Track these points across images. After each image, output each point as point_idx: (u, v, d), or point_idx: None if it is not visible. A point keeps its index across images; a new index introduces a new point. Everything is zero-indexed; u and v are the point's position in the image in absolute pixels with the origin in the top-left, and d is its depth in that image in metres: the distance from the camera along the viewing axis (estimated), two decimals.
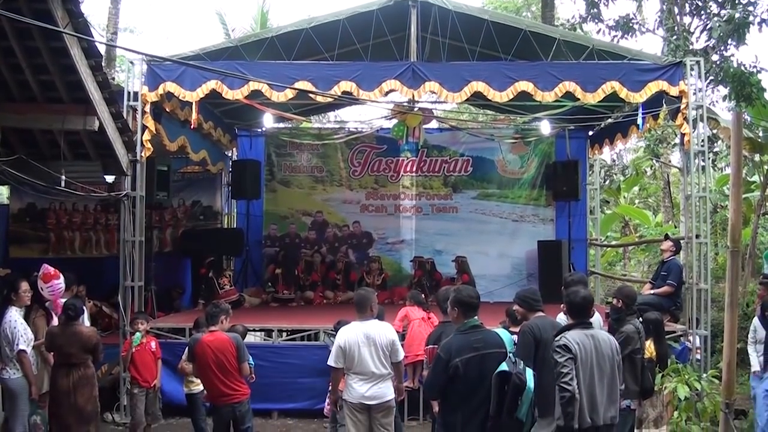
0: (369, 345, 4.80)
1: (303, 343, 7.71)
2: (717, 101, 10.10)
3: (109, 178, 7.63)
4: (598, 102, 7.77)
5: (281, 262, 10.92)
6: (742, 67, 8.98)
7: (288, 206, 12.02)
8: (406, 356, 5.55)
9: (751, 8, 9.34)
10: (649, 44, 30.22)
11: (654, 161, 16.00)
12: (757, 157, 10.33)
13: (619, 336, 4.93)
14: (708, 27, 9.87)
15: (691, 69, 7.67)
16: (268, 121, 10.80)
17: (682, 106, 7.64)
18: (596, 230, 12.60)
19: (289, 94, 7.56)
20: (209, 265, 9.83)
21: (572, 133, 11.42)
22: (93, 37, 6.46)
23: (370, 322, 4.92)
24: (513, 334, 4.80)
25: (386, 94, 8.05)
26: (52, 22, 5.26)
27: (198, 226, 11.41)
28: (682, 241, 8.32)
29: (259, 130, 11.80)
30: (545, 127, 10.97)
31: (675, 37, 10.12)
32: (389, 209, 11.95)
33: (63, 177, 6.64)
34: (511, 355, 4.10)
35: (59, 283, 5.87)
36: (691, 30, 10.49)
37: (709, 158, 9.33)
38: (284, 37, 7.95)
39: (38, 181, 6.66)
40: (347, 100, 8.13)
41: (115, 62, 15.61)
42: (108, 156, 7.07)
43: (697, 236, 7.79)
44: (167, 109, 8.22)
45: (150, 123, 7.67)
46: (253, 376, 5.46)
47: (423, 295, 7.48)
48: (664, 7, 11.04)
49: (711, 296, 7.83)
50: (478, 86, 7.55)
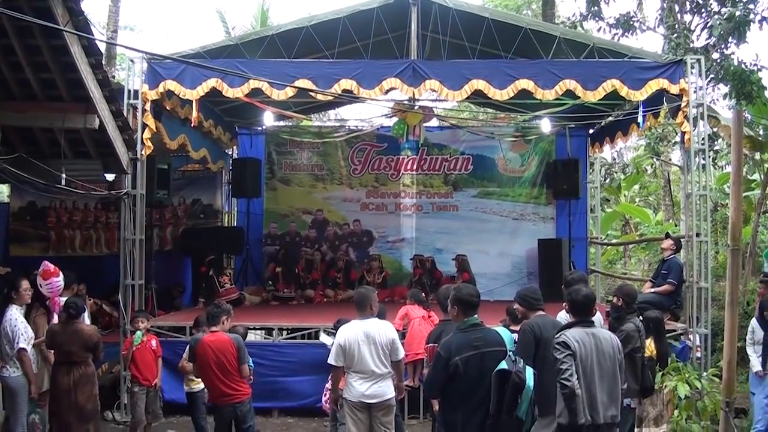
0: (369, 343, 4.80)
1: (303, 342, 7.71)
2: (717, 99, 10.10)
3: (110, 177, 7.64)
4: (599, 100, 7.77)
5: (281, 261, 10.93)
6: (743, 65, 8.97)
7: (288, 204, 12.02)
8: (406, 355, 5.55)
9: (751, 6, 9.32)
10: (650, 42, 30.24)
11: (654, 159, 15.98)
12: (757, 156, 10.33)
13: (620, 334, 4.92)
14: (708, 25, 9.84)
15: (692, 67, 7.67)
16: (268, 119, 10.78)
17: (683, 105, 7.64)
18: (597, 229, 12.59)
19: (290, 92, 7.56)
20: (209, 263, 9.83)
21: (573, 131, 11.41)
22: (93, 36, 6.44)
23: (370, 321, 4.91)
24: (513, 332, 4.81)
25: (386, 92, 8.04)
26: (52, 20, 5.25)
27: (198, 224, 11.41)
28: (682, 240, 8.31)
29: (260, 128, 11.79)
30: (546, 126, 10.96)
31: (675, 35, 10.10)
32: (390, 207, 11.95)
33: (63, 175, 6.63)
34: (511, 353, 4.10)
35: (58, 280, 5.87)
36: (692, 28, 10.47)
37: (709, 156, 9.31)
38: (284, 35, 7.94)
39: (38, 180, 6.65)
40: (347, 98, 8.16)
41: (115, 60, 15.60)
42: (108, 154, 7.06)
43: (698, 234, 7.79)
44: (167, 108, 8.22)
45: (150, 121, 7.67)
46: (252, 377, 5.47)
47: (423, 294, 7.49)
48: (665, 5, 11.03)
49: (711, 295, 7.83)
50: (479, 84, 7.55)
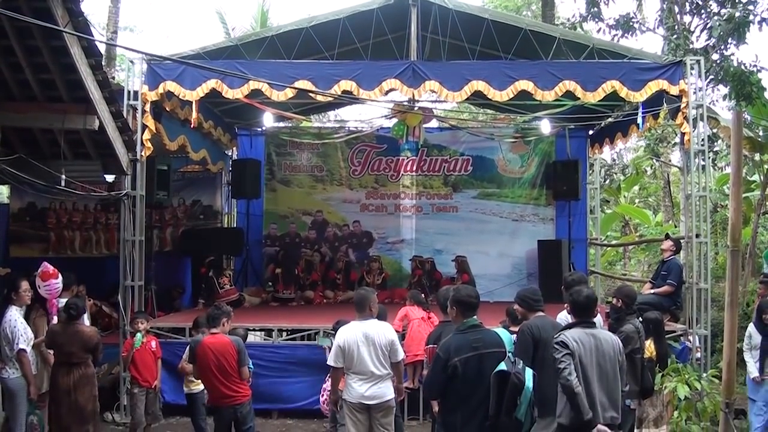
0: (368, 345, 4.79)
1: (303, 343, 7.70)
2: (717, 100, 10.10)
3: (109, 178, 7.64)
4: (599, 101, 7.77)
5: (281, 262, 10.93)
6: (743, 66, 8.97)
7: (288, 205, 12.02)
8: (405, 356, 5.54)
9: (751, 7, 9.33)
10: (650, 43, 30.29)
11: (654, 160, 16.00)
12: (757, 157, 10.32)
13: (619, 335, 4.90)
14: (708, 26, 9.85)
15: (692, 68, 7.67)
16: (268, 120, 10.80)
17: (682, 106, 7.64)
18: (596, 230, 12.59)
19: (289, 93, 7.56)
20: (209, 264, 9.83)
21: (572, 132, 11.41)
22: (93, 36, 6.44)
23: (369, 322, 4.91)
24: (513, 333, 4.80)
25: (386, 93, 8.05)
26: (52, 21, 5.25)
27: (198, 225, 11.40)
28: (682, 241, 8.32)
29: (259, 129, 11.79)
30: (545, 127, 10.97)
31: (675, 36, 10.11)
32: (389, 209, 11.94)
33: (63, 176, 6.62)
34: (510, 354, 4.09)
35: (57, 282, 5.86)
36: (692, 29, 10.48)
37: (709, 157, 9.30)
38: (284, 36, 7.95)
39: (38, 181, 6.64)
40: (347, 99, 8.16)
41: (115, 61, 15.59)
42: (108, 155, 7.07)
43: (698, 235, 7.78)
44: (167, 109, 8.22)
45: (150, 122, 7.68)
46: (250, 380, 5.46)
47: (423, 295, 7.49)
48: (665, 6, 11.03)
49: (711, 296, 7.82)
50: (478, 85, 7.55)
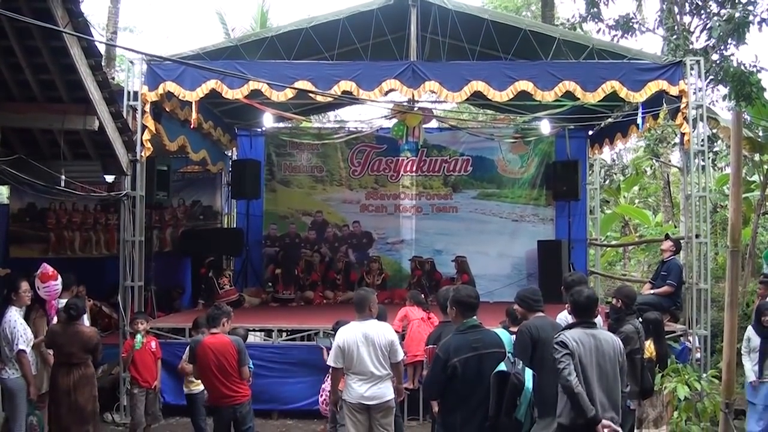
0: (368, 345, 4.79)
1: (303, 344, 7.70)
2: (717, 101, 10.08)
3: (109, 178, 7.62)
4: (598, 101, 7.78)
5: (281, 262, 10.92)
6: (742, 67, 8.96)
7: (288, 206, 12.02)
8: (405, 356, 5.54)
9: (751, 8, 9.32)
10: (649, 44, 30.32)
11: (654, 161, 16.00)
12: (756, 157, 10.33)
13: (619, 336, 4.89)
14: (708, 26, 9.85)
15: (691, 68, 7.68)
16: (267, 120, 10.80)
17: (682, 106, 7.64)
18: (596, 230, 12.59)
19: (289, 93, 7.56)
20: (209, 265, 9.82)
21: (572, 132, 11.42)
22: (93, 37, 6.45)
23: (369, 322, 4.90)
24: (513, 333, 4.79)
25: (386, 93, 8.05)
26: (52, 21, 5.25)
27: (198, 226, 11.40)
28: (682, 241, 8.31)
29: (259, 129, 11.79)
30: (545, 127, 10.97)
31: (675, 37, 10.10)
32: (389, 209, 11.94)
33: (63, 177, 6.63)
34: (510, 355, 4.09)
35: (56, 284, 5.85)
36: (691, 29, 10.48)
37: (708, 158, 9.29)
38: (284, 36, 7.95)
39: (38, 181, 6.64)
40: (347, 99, 8.15)
41: (114, 62, 15.60)
42: (108, 156, 7.07)
43: (697, 236, 7.78)
44: (167, 109, 8.22)
45: (150, 123, 7.67)
46: (251, 380, 5.46)
47: (423, 295, 7.48)
48: (664, 6, 11.03)
49: (711, 296, 7.82)
50: (478, 86, 7.55)
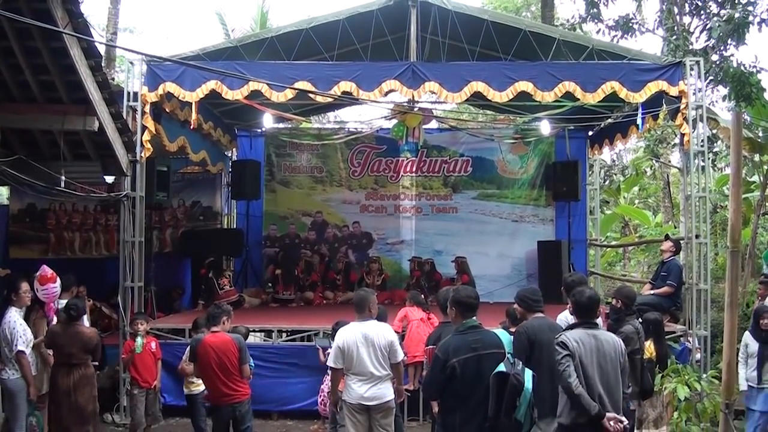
0: (367, 345, 4.79)
1: (303, 344, 7.70)
2: (717, 101, 10.11)
3: (109, 179, 7.62)
4: (598, 102, 7.77)
5: (281, 263, 10.91)
6: (742, 67, 8.97)
7: (288, 206, 12.02)
8: (405, 357, 5.54)
9: (750, 8, 9.34)
10: (649, 44, 30.33)
11: (654, 161, 16.00)
12: (756, 157, 10.33)
13: (619, 336, 4.91)
14: (708, 27, 9.86)
15: (691, 69, 7.67)
16: (267, 121, 10.80)
17: (682, 106, 7.64)
18: (596, 230, 12.59)
19: (289, 94, 7.56)
20: (209, 265, 9.82)
21: (572, 133, 11.42)
22: (93, 38, 6.46)
23: (368, 323, 4.91)
24: (513, 334, 4.80)
25: (386, 94, 8.04)
26: (51, 22, 5.26)
27: (198, 226, 11.40)
28: (681, 242, 8.32)
29: (259, 130, 11.80)
30: (545, 128, 10.97)
31: (675, 37, 10.12)
32: (389, 209, 11.95)
33: (63, 177, 6.63)
34: (510, 355, 4.09)
35: (54, 286, 5.84)
36: (691, 30, 10.49)
37: (708, 158, 9.31)
38: (284, 37, 7.95)
39: (38, 182, 6.64)
40: (347, 100, 8.13)
41: (114, 62, 15.60)
42: (108, 156, 7.07)
43: (697, 236, 7.79)
44: (167, 110, 8.22)
45: (150, 123, 7.67)
46: (251, 376, 5.47)
47: (422, 296, 7.48)
48: (664, 7, 11.04)
49: (711, 296, 7.83)
50: (478, 86, 7.55)
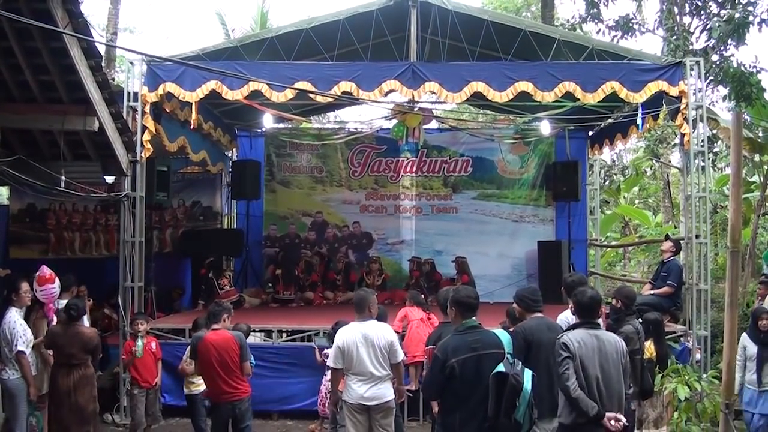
0: (367, 346, 4.79)
1: (303, 344, 7.70)
2: (717, 101, 10.12)
3: (109, 179, 7.62)
4: (598, 102, 7.77)
5: (281, 263, 10.91)
6: (742, 67, 8.97)
7: (288, 207, 12.02)
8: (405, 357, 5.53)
9: (750, 8, 9.35)
10: (649, 44, 30.37)
11: (654, 161, 16.01)
12: (756, 157, 10.34)
13: (619, 336, 4.91)
14: (708, 27, 9.86)
15: (691, 69, 7.67)
16: (267, 121, 10.80)
17: (682, 107, 7.64)
18: (596, 230, 12.59)
19: (289, 94, 7.56)
20: (209, 265, 9.83)
21: (572, 133, 11.42)
22: (93, 38, 6.45)
23: (368, 323, 4.91)
24: (512, 334, 4.79)
25: (386, 94, 8.05)
26: (51, 22, 5.25)
27: (198, 226, 11.40)
28: (682, 242, 8.32)
29: (259, 130, 11.80)
30: (545, 128, 10.96)
31: (675, 37, 10.13)
32: (389, 210, 11.95)
33: (63, 177, 6.62)
34: (509, 356, 4.08)
35: (53, 287, 5.84)
36: (691, 30, 10.50)
37: (708, 158, 9.32)
38: (284, 37, 7.94)
39: (38, 182, 6.64)
40: (347, 100, 8.13)
41: (114, 62, 15.61)
42: (108, 156, 7.07)
43: (697, 236, 7.79)
44: (167, 110, 8.23)
45: (150, 123, 7.67)
46: (252, 372, 5.47)
47: (422, 296, 7.48)
48: (664, 7, 11.05)
49: (711, 296, 7.83)
50: (478, 86, 7.55)
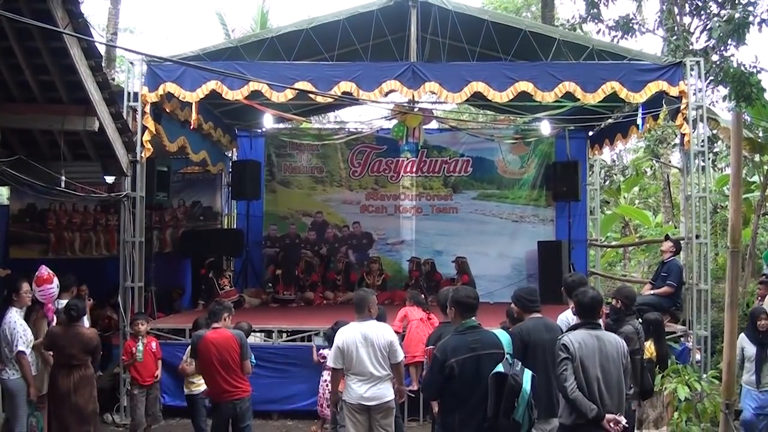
0: (367, 346, 4.79)
1: (303, 344, 7.70)
2: (717, 101, 10.13)
3: (109, 179, 7.63)
4: (598, 102, 7.76)
5: (281, 263, 10.90)
6: (742, 68, 8.99)
7: (288, 207, 12.02)
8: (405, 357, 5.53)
9: (750, 8, 9.36)
10: (649, 44, 30.30)
11: (654, 161, 16.01)
12: (757, 158, 10.34)
13: (618, 336, 4.92)
14: (708, 27, 9.87)
15: (691, 69, 7.67)
16: (268, 121, 10.80)
17: (682, 107, 7.64)
18: (596, 231, 12.59)
19: (289, 94, 7.56)
20: (209, 265, 9.83)
21: (572, 133, 11.42)
22: (93, 38, 6.44)
23: (368, 323, 4.91)
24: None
25: (386, 94, 8.05)
26: (52, 22, 5.25)
27: (198, 226, 11.40)
28: (682, 242, 8.32)
29: (259, 130, 11.80)
30: (545, 128, 10.96)
31: (675, 38, 10.13)
32: (389, 210, 11.95)
33: (63, 177, 6.62)
34: (509, 356, 4.08)
35: (51, 288, 5.84)
36: (691, 30, 10.51)
37: (709, 158, 9.33)
38: (284, 37, 7.94)
39: (38, 182, 6.64)
40: (347, 100, 8.12)
41: (115, 62, 15.61)
42: (108, 156, 7.07)
43: (697, 236, 7.79)
44: (167, 110, 8.23)
45: (150, 123, 7.67)
46: (252, 371, 5.47)
47: (422, 296, 7.48)
48: (664, 7, 11.06)
49: (711, 297, 7.82)
50: (478, 86, 7.54)
